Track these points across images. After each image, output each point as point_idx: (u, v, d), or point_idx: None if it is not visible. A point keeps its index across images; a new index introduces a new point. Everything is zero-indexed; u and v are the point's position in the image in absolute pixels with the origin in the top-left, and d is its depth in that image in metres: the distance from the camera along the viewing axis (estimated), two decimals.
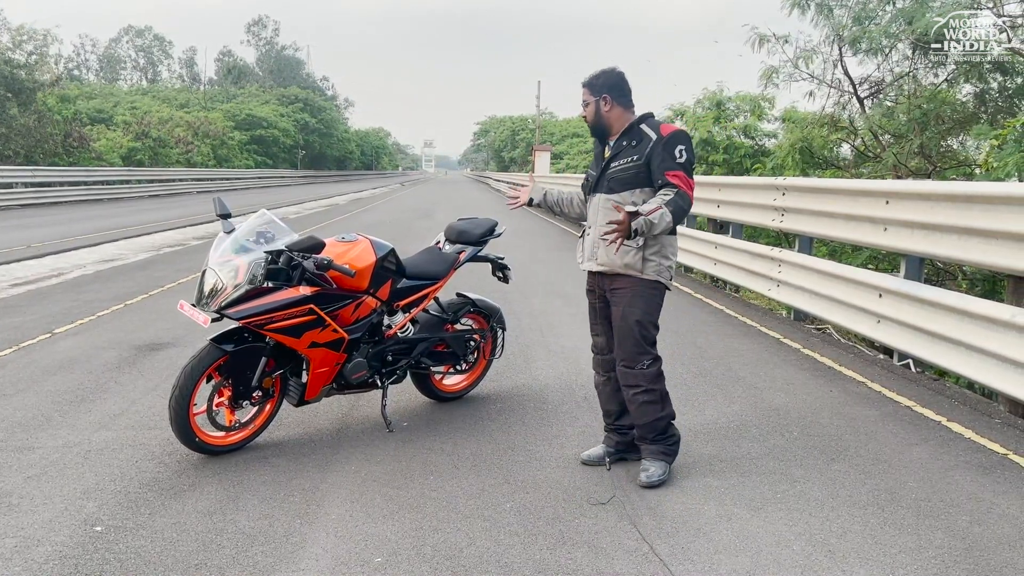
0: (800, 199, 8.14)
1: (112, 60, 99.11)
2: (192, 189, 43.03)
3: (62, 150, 35.17)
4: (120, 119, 46.72)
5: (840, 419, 4.90)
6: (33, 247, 14.12)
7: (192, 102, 67.80)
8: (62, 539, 3.25)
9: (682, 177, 3.68)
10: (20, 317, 7.95)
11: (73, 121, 37.97)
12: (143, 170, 40.71)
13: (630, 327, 3.87)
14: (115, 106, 53.65)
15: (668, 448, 3.97)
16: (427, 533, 3.34)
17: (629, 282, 3.85)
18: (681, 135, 3.80)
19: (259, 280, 3.97)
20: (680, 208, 3.64)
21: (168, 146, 47.21)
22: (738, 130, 19.22)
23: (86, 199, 31.41)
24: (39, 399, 5.19)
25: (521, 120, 69.17)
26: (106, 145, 40.36)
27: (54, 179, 31.05)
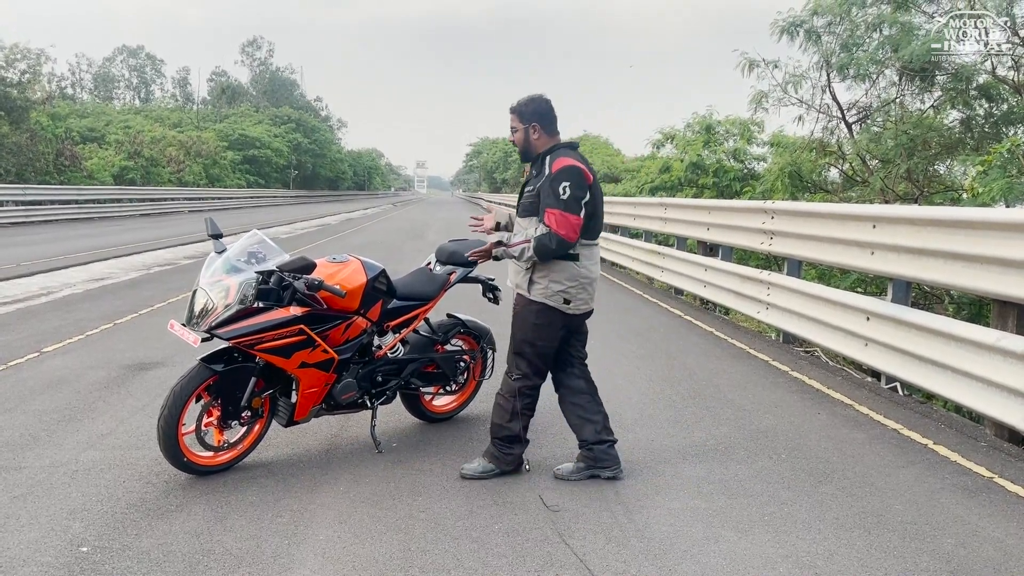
0: (788, 223, 8.20)
1: (106, 79, 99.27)
2: (184, 208, 42.99)
3: (53, 168, 35.14)
4: (112, 138, 46.70)
5: (828, 441, 4.93)
6: (23, 265, 14.07)
7: (185, 121, 67.88)
8: (48, 560, 3.24)
9: (558, 216, 3.85)
10: (8, 336, 7.92)
11: (65, 140, 37.95)
12: (135, 189, 40.65)
13: (512, 340, 4.21)
14: (107, 125, 53.63)
15: (501, 455, 4.21)
16: (415, 554, 3.33)
17: (519, 300, 4.18)
18: (565, 172, 3.90)
19: (249, 300, 3.98)
20: (544, 247, 3.89)
21: (160, 165, 47.24)
22: (728, 154, 19.37)
23: (77, 218, 31.36)
24: (26, 418, 5.17)
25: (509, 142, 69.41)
26: (98, 164, 40.32)
27: (45, 197, 30.98)
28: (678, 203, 12.38)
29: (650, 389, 6.12)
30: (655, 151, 23.01)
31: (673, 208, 12.38)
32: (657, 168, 21.20)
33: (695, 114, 20.51)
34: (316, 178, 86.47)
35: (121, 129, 50.89)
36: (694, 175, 18.98)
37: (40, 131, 34.81)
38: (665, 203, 12.87)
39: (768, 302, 8.43)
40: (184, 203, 44.31)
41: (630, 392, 6.02)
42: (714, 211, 10.55)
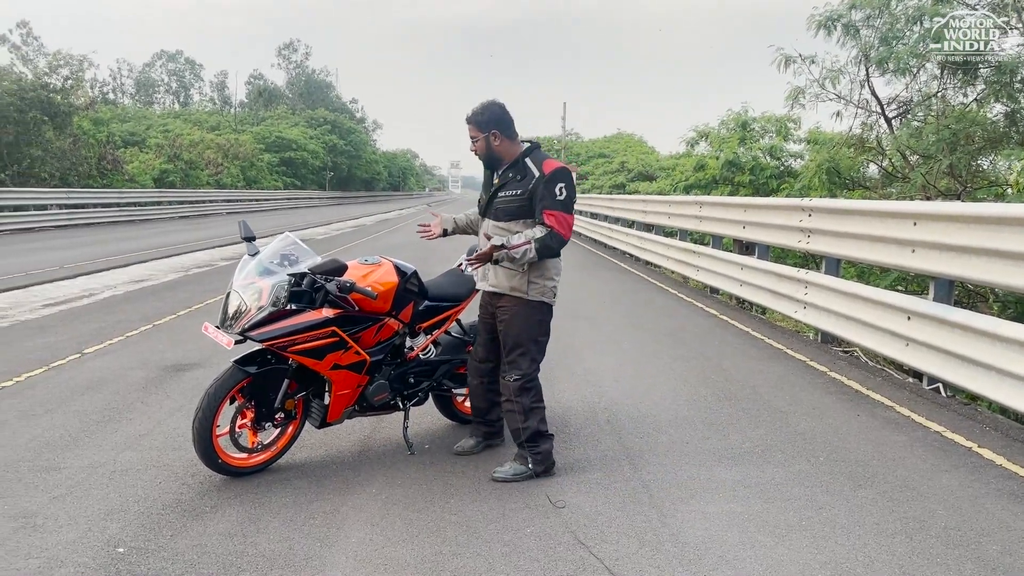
0: (826, 220, 8.06)
1: (146, 84, 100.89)
2: (222, 210, 43.58)
3: (96, 172, 35.81)
4: (152, 142, 47.50)
5: (868, 444, 4.82)
6: (66, 268, 14.34)
7: (223, 124, 68.79)
8: (85, 560, 3.28)
9: (558, 216, 4.01)
10: (52, 337, 8.07)
11: (107, 144, 38.64)
12: (174, 191, 41.30)
13: (507, 343, 4.24)
14: (148, 129, 54.55)
15: (532, 456, 4.23)
16: (446, 558, 3.32)
17: (513, 302, 4.20)
18: (561, 173, 4.07)
19: (282, 302, 4.00)
20: (548, 247, 4.02)
21: (199, 168, 47.92)
22: (764, 151, 19.12)
23: (119, 220, 31.95)
24: (67, 419, 5.25)
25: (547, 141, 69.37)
26: (138, 167, 41.02)
27: (88, 201, 31.60)
28: (714, 201, 12.24)
29: (684, 390, 6.05)
30: (689, 149, 22.82)
31: (708, 206, 12.25)
32: (692, 166, 21.01)
33: (729, 111, 20.30)
34: (351, 179, 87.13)
35: (161, 133, 51.75)
36: (730, 173, 18.77)
37: (83, 136, 35.50)
38: (700, 201, 12.74)
39: (806, 301, 8.30)
40: (222, 205, 44.93)
41: (664, 393, 5.95)
42: (750, 209, 10.41)
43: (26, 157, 30.71)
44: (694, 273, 12.64)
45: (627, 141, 62.62)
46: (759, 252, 10.15)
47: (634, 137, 64.58)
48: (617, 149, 58.02)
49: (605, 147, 61.77)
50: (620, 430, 5.06)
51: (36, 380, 6.30)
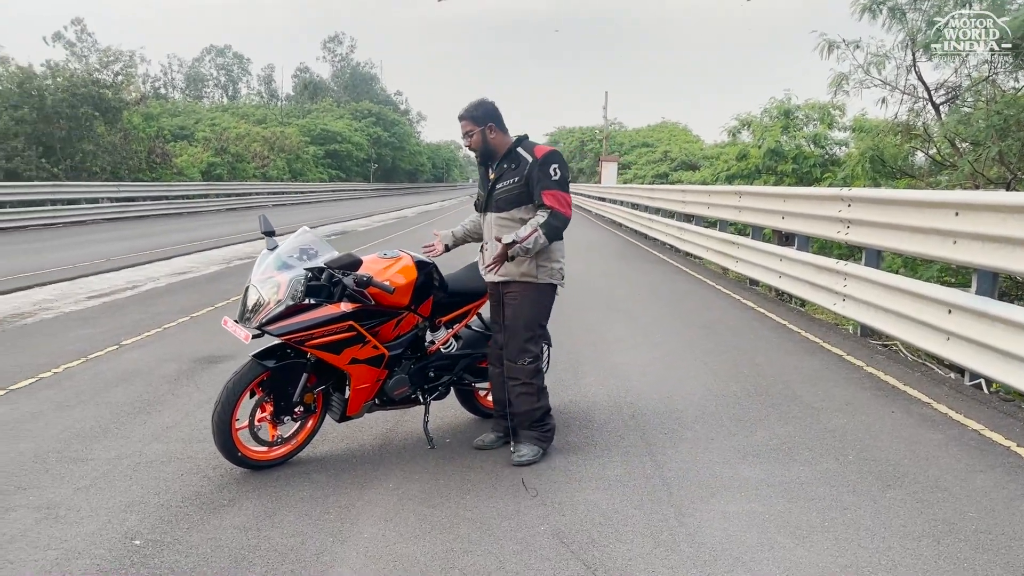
0: (865, 210, 7.85)
1: (196, 78, 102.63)
2: (268, 202, 44.20)
3: (146, 166, 36.51)
4: (200, 135, 48.31)
5: (900, 442, 4.68)
6: (112, 260, 14.66)
7: (269, 118, 69.69)
8: (102, 552, 3.32)
9: (556, 195, 4.16)
10: (92, 329, 8.24)
11: (156, 138, 39.40)
12: (221, 184, 41.95)
13: (518, 327, 4.32)
14: (197, 123, 55.51)
15: (542, 435, 4.40)
16: (457, 555, 3.29)
17: (523, 287, 4.32)
18: (554, 155, 4.23)
19: (299, 297, 4.00)
20: (553, 227, 4.15)
21: (245, 161, 48.60)
22: (807, 139, 18.73)
23: (167, 213, 32.56)
24: (99, 410, 5.35)
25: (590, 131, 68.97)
26: (187, 161, 41.74)
27: (137, 194, 32.29)
28: (753, 191, 12.03)
29: (714, 385, 5.94)
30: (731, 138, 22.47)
31: (748, 196, 12.04)
32: (734, 155, 20.67)
33: (772, 99, 19.90)
34: (395, 171, 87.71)
35: (208, 127, 52.61)
36: (772, 162, 18.41)
37: (133, 130, 36.25)
38: (739, 191, 12.52)
39: (844, 293, 8.10)
40: (268, 197, 45.57)
41: (693, 388, 5.85)
42: (789, 199, 10.21)
43: (78, 152, 31.44)
44: (733, 264, 12.44)
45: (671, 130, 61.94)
46: (799, 243, 9.94)
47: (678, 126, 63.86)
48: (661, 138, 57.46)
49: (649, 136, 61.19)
50: (644, 425, 4.99)
51: (74, 371, 6.43)
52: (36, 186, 26.42)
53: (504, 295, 4.39)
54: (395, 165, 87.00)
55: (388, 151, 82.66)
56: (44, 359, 6.83)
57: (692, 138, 56.07)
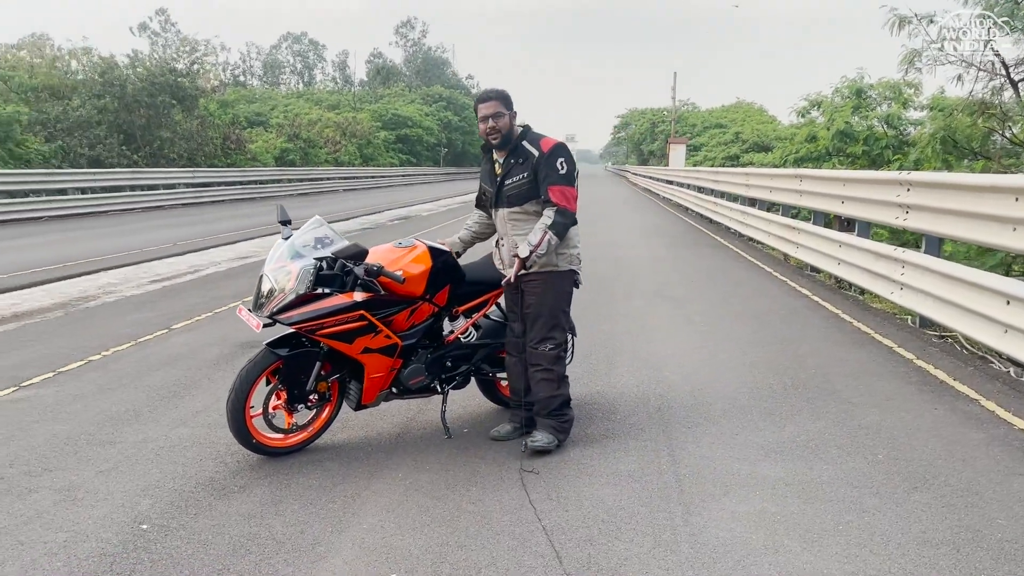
0: (925, 195, 7.49)
1: (273, 66, 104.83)
2: (339, 187, 44.90)
3: (221, 152, 37.53)
4: (274, 122, 49.35)
5: (938, 441, 4.45)
6: (179, 244, 15.10)
7: (342, 103, 70.71)
8: (109, 536, 3.40)
9: (562, 191, 4.13)
10: (148, 313, 8.49)
11: (231, 125, 40.41)
12: (293, 170, 42.80)
13: (541, 314, 4.30)
14: (272, 109, 56.74)
15: (560, 424, 4.36)
16: (451, 550, 3.26)
17: (544, 276, 4.28)
18: (560, 148, 4.20)
19: (309, 286, 4.01)
20: (562, 224, 4.13)
21: (317, 146, 49.47)
22: (880, 119, 18.00)
23: (240, 198, 33.39)
24: (137, 394, 5.50)
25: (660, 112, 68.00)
26: (261, 147, 42.72)
27: (212, 180, 33.19)
28: (813, 175, 11.62)
29: (750, 377, 5.76)
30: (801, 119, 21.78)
31: (808, 180, 11.64)
32: (803, 137, 20.03)
33: (843, 78, 19.16)
34: (465, 155, 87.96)
35: (282, 113, 53.69)
36: (842, 143, 17.76)
37: (209, 118, 37.28)
38: (800, 175, 12.12)
39: (902, 282, 7.76)
40: (339, 182, 46.28)
41: (727, 380, 5.69)
42: (849, 183, 9.82)
43: (157, 139, 32.51)
44: (793, 251, 12.07)
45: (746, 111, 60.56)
46: (859, 229, 9.56)
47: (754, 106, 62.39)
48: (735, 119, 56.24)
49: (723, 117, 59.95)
50: (669, 419, 4.87)
51: (121, 354, 6.63)
52: (117, 173, 27.44)
53: (524, 284, 4.35)
54: (465, 149, 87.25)
55: (458, 135, 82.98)
56: (97, 342, 7.06)
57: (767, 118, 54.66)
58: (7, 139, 25.24)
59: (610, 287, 9.89)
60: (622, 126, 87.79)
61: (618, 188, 49.74)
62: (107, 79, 31.14)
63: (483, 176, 4.56)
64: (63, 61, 34.96)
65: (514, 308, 4.50)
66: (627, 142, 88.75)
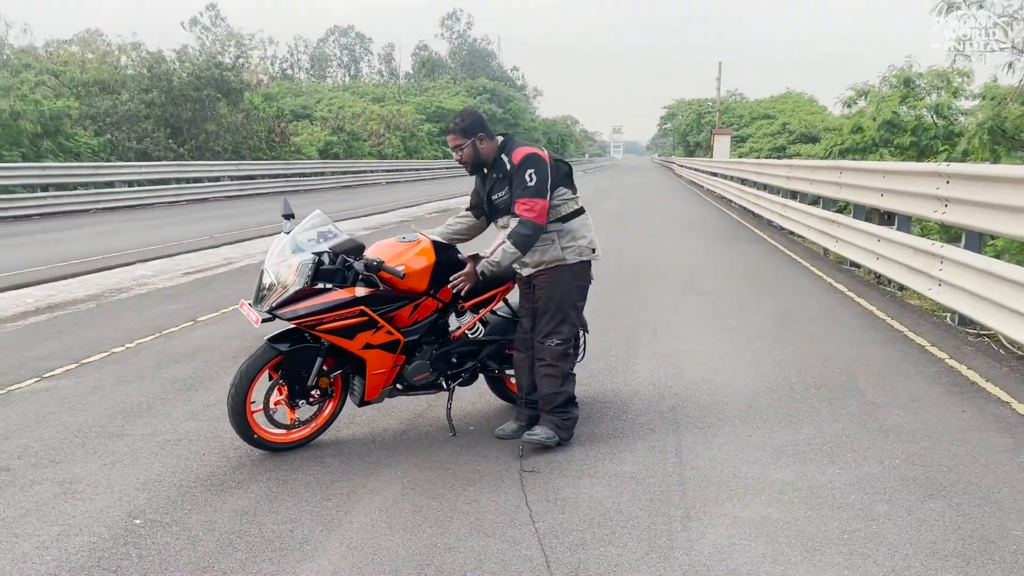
0: (964, 188, 7.21)
1: (320, 59, 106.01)
2: (382, 180, 45.13)
3: (265, 145, 37.98)
4: (319, 114, 49.81)
5: (961, 446, 4.26)
6: (215, 237, 15.29)
7: (387, 96, 71.13)
8: (101, 530, 3.41)
9: (528, 203, 4.06)
10: (177, 305, 8.59)
11: (276, 118, 40.85)
12: (337, 162, 43.14)
13: (548, 309, 4.24)
14: (318, 102, 57.28)
15: (562, 422, 4.28)
16: (439, 552, 3.20)
17: (551, 270, 4.24)
18: (529, 160, 4.10)
19: (307, 281, 3.98)
20: (521, 236, 4.07)
21: (361, 139, 49.80)
22: (929, 109, 17.45)
23: (284, 190, 33.67)
24: (153, 386, 5.54)
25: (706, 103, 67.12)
26: (306, 139, 43.15)
27: (256, 172, 33.61)
28: (853, 166, 11.30)
29: (771, 376, 5.60)
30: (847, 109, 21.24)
31: (848, 172, 11.33)
32: (849, 128, 19.52)
33: (891, 66, 18.61)
34: None
35: (327, 106, 54.16)
36: (890, 134, 17.26)
37: (254, 111, 37.74)
38: (840, 166, 11.81)
39: (940, 278, 7.48)
40: (382, 175, 46.53)
41: (747, 379, 5.53)
42: (888, 175, 9.53)
43: (202, 132, 33.03)
44: (833, 244, 11.77)
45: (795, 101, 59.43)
46: (899, 223, 9.27)
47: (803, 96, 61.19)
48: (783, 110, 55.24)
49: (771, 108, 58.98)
50: (682, 419, 4.74)
51: (144, 347, 6.71)
52: (163, 166, 27.92)
53: (535, 280, 4.31)
54: None
55: (502, 127, 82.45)
56: (122, 334, 7.15)
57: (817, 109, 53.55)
58: (57, 133, 25.87)
59: (638, 281, 9.74)
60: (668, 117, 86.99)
61: (662, 180, 49.23)
62: (155, 73, 31.71)
63: (476, 183, 4.52)
64: (113, 56, 35.66)
65: (526, 304, 4.43)
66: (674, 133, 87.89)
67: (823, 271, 10.68)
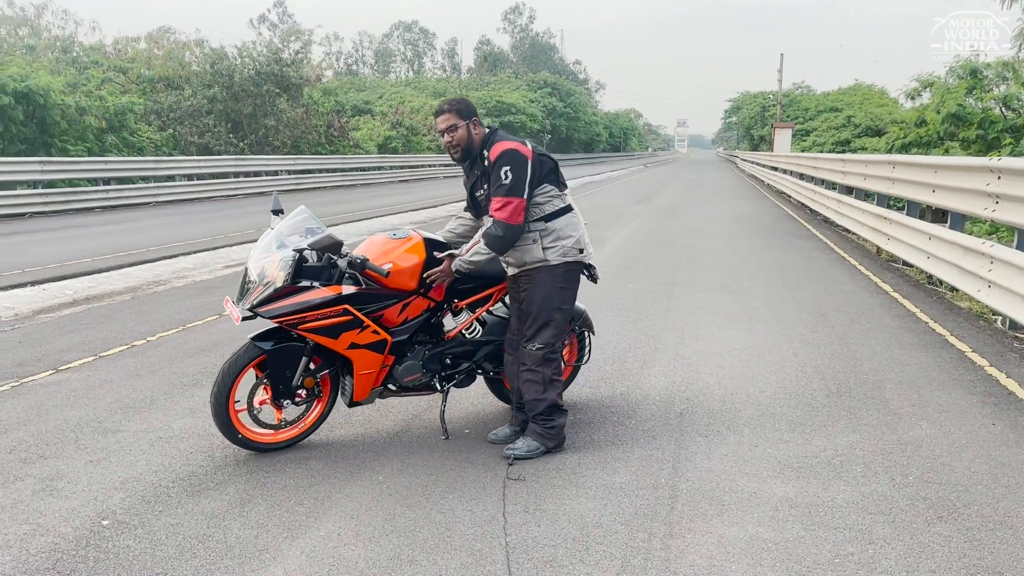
0: (1016, 184, 6.78)
1: (384, 54, 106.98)
2: (440, 174, 45.27)
3: (324, 140, 38.41)
4: (379, 109, 50.21)
5: (984, 463, 3.94)
6: (263, 230, 15.40)
7: (448, 91, 71.32)
8: (68, 531, 3.36)
9: (503, 201, 3.87)
10: (208, 298, 8.64)
11: (335, 112, 41.27)
12: (395, 157, 43.40)
13: (531, 312, 4.08)
14: (381, 97, 57.76)
15: (545, 430, 4.10)
16: (400, 564, 3.06)
17: (536, 271, 4.05)
18: (505, 156, 3.90)
19: (287, 279, 3.88)
20: (495, 237, 3.92)
21: (420, 134, 50.02)
22: (997, 101, 16.60)
23: (341, 185, 34.07)
24: (162, 381, 5.54)
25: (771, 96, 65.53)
26: (365, 134, 43.52)
27: (313, 167, 33.99)
28: (905, 161, 10.79)
29: (793, 382, 5.32)
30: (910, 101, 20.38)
31: (901, 167, 10.83)
32: (913, 121, 18.73)
33: (957, 57, 17.76)
34: (570, 141, 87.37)
35: (387, 101, 54.58)
36: (955, 128, 16.48)
37: (313, 106, 38.20)
38: (893, 161, 11.29)
39: (989, 279, 7.05)
40: (440, 169, 46.63)
41: (765, 385, 5.26)
42: (940, 170, 9.05)
43: (262, 127, 33.52)
44: (884, 242, 11.28)
45: (865, 93, 57.52)
46: (951, 220, 8.79)
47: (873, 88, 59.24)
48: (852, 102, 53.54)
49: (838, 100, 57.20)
50: (687, 426, 4.52)
51: (165, 340, 6.74)
52: (223, 159, 28.42)
53: (520, 281, 4.14)
54: (570, 135, 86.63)
55: (562, 122, 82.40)
56: (147, 327, 7.21)
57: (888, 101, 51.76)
58: (121, 128, 26.55)
59: (674, 279, 9.46)
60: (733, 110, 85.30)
61: (722, 174, 48.29)
62: (217, 69, 32.31)
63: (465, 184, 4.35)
64: (179, 52, 36.47)
65: (513, 305, 4.27)
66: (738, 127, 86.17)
67: (871, 270, 10.23)
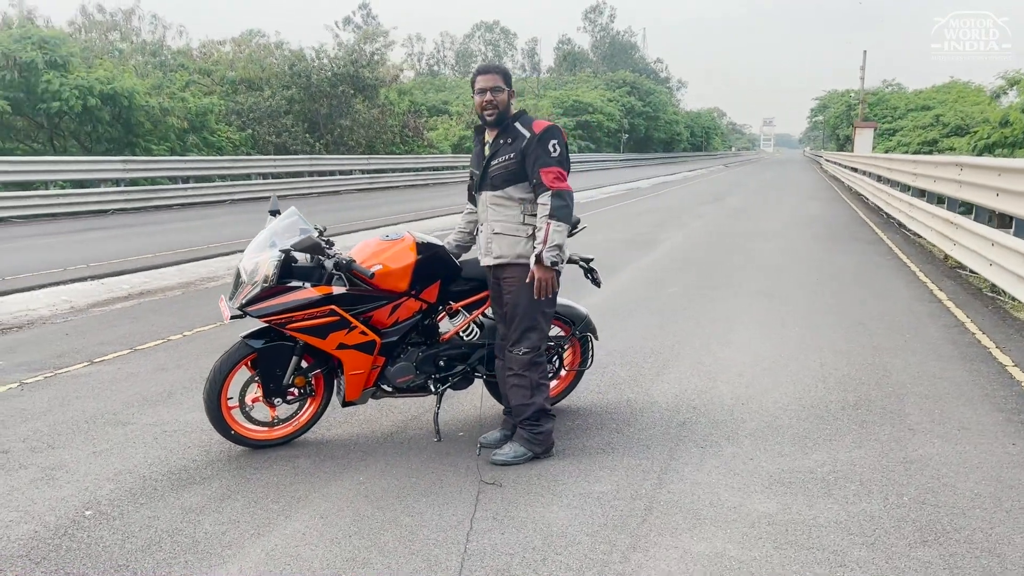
0: None
1: (465, 55, 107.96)
2: None
3: (399, 140, 38.98)
4: (454, 109, 50.66)
5: (991, 485, 3.72)
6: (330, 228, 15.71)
7: (526, 91, 71.45)
8: (50, 520, 3.48)
9: (555, 172, 3.85)
10: None
11: (409, 112, 41.82)
12: (468, 156, 43.66)
13: (516, 315, 4.00)
14: (458, 98, 58.28)
15: (532, 436, 4.06)
16: (353, 567, 3.06)
17: (520, 270, 3.96)
18: (553, 130, 3.92)
19: (273, 279, 3.94)
20: (561, 207, 3.82)
21: None
22: None
23: (413, 184, 34.54)
24: (185, 375, 5.70)
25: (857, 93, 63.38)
26: (441, 134, 43.98)
27: (386, 166, 34.53)
28: (972, 163, 10.28)
29: (809, 392, 5.12)
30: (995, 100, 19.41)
31: (968, 170, 10.33)
32: (997, 120, 17.85)
33: None
34: (649, 141, 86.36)
35: (463, 101, 54.97)
36: None
37: (389, 106, 38.80)
38: (961, 163, 10.78)
39: None
40: None
41: (780, 395, 5.08)
42: (1004, 173, 8.60)
43: (337, 127, 34.24)
44: (951, 248, 10.78)
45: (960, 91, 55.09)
46: (1016, 227, 8.33)
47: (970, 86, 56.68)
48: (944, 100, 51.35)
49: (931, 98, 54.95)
50: (686, 436, 4.40)
51: (199, 336, 6.94)
52: (297, 159, 29.17)
53: (503, 280, 4.07)
54: (649, 135, 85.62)
55: (641, 121, 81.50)
56: (186, 322, 7.43)
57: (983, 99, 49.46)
58: (202, 128, 27.51)
59: (716, 283, 9.24)
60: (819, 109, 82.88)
61: (803, 175, 46.99)
62: (295, 71, 33.15)
63: (473, 159, 4.27)
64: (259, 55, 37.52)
65: (497, 308, 4.22)
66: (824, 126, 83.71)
67: (930, 276, 9.79)
